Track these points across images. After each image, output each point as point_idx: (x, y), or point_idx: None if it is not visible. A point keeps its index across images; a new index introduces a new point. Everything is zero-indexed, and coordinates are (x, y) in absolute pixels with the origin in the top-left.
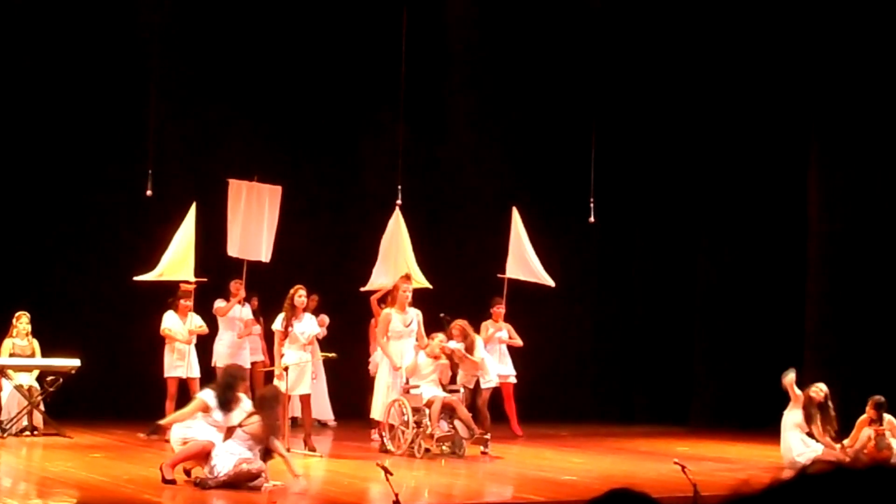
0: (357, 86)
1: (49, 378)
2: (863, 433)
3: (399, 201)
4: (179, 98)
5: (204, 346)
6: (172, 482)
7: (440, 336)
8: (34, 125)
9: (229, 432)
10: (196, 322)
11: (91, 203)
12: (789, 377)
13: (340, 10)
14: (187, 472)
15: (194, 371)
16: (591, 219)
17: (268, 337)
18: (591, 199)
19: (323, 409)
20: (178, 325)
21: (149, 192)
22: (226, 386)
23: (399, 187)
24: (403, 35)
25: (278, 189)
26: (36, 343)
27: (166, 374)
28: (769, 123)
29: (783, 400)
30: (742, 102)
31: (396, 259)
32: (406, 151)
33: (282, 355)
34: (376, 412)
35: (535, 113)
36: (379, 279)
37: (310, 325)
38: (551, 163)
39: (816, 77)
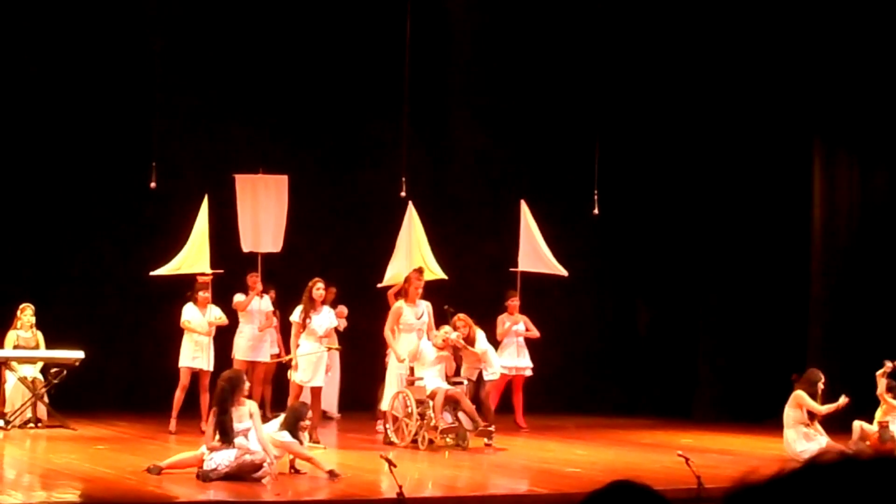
0: (363, 79)
1: (53, 370)
2: (854, 425)
3: (403, 193)
4: (184, 91)
5: (223, 339)
6: (156, 471)
7: (445, 328)
8: (40, 119)
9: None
10: (215, 314)
11: (96, 195)
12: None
13: (346, 2)
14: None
15: (209, 364)
16: (596, 211)
17: (283, 329)
18: (596, 192)
19: (329, 401)
20: (198, 317)
21: (153, 185)
22: (292, 424)
23: (403, 179)
24: (408, 28)
25: (284, 178)
26: (40, 335)
27: (181, 364)
28: (774, 117)
29: (786, 393)
30: (747, 96)
31: (411, 253)
32: (412, 145)
33: (297, 346)
34: (386, 404)
35: (540, 105)
36: (395, 273)
37: (327, 318)
38: (555, 155)
39: (821, 75)
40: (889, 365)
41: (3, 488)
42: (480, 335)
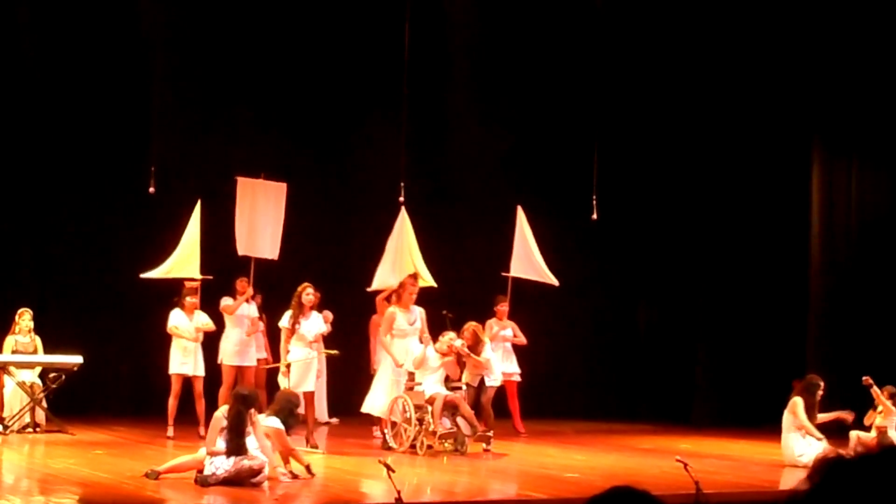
0: (361, 83)
1: (51, 375)
2: (851, 434)
3: (402, 198)
4: (182, 95)
5: (210, 344)
6: (154, 476)
7: (450, 334)
8: (37, 122)
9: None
10: (202, 320)
11: (94, 200)
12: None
13: (344, 5)
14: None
15: (200, 369)
16: (594, 216)
17: (270, 334)
18: (594, 197)
19: (319, 408)
20: (185, 323)
21: (151, 190)
22: (288, 413)
23: (402, 185)
24: (406, 32)
25: (283, 186)
26: (38, 340)
27: (171, 371)
28: (772, 120)
29: (785, 398)
30: (746, 98)
31: (403, 258)
32: (410, 149)
33: (287, 352)
34: (369, 407)
35: (538, 110)
36: (385, 278)
37: (316, 324)
38: (554, 159)
39: (821, 76)
40: (867, 380)
41: (2, 493)
42: (487, 345)
